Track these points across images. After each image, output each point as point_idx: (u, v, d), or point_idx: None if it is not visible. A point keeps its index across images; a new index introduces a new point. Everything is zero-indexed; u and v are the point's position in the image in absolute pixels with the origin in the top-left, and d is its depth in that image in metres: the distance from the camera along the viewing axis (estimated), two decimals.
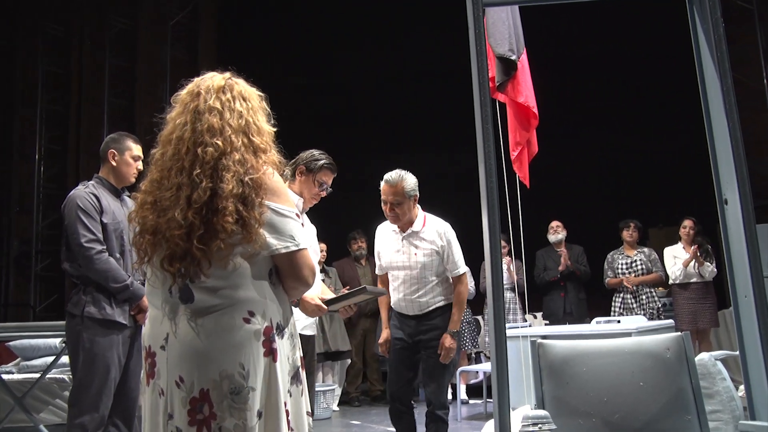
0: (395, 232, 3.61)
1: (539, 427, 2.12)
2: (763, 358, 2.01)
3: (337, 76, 10.08)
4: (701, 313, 6.08)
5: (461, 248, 3.61)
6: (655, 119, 9.42)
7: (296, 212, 1.81)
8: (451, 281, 3.60)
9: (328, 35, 9.74)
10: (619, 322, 5.00)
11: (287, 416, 1.73)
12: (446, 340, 3.46)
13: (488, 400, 6.07)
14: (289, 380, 1.77)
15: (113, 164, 3.21)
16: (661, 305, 6.24)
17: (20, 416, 4.39)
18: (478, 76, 2.20)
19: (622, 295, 6.25)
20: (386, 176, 3.51)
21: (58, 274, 8.89)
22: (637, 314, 5.92)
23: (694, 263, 6.12)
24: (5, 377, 4.61)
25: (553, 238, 6.69)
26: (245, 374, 1.66)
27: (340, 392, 6.64)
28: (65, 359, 4.08)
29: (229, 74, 1.87)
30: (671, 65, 7.08)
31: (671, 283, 6.34)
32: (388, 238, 3.65)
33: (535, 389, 2.50)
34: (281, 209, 1.76)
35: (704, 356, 2.98)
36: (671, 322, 5.34)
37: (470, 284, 6.04)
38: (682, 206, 7.30)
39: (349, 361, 6.66)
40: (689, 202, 7.39)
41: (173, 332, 1.69)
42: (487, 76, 2.28)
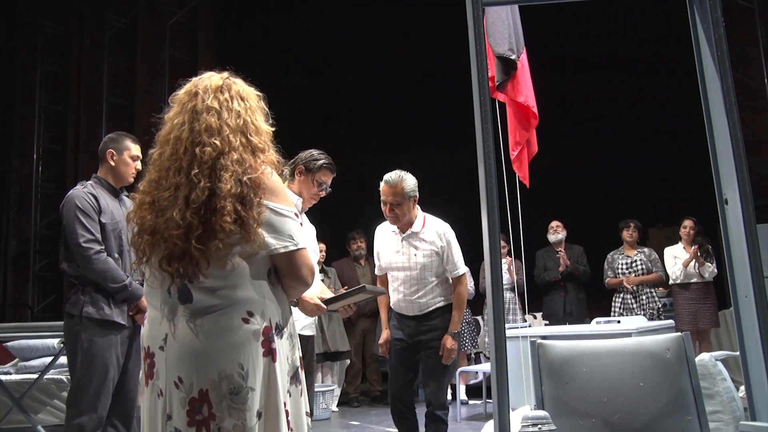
0: (395, 232, 3.60)
1: (539, 427, 2.12)
2: (763, 358, 2.01)
3: (336, 75, 10.06)
4: (702, 313, 6.07)
5: (461, 248, 3.60)
6: (655, 119, 9.41)
7: (295, 212, 1.80)
8: (450, 282, 3.60)
9: (327, 35, 9.73)
10: (619, 322, 5.00)
11: (287, 416, 1.72)
12: (447, 341, 3.46)
13: (488, 400, 6.07)
14: (288, 380, 1.77)
15: (112, 164, 3.21)
16: (661, 305, 6.22)
17: (18, 417, 4.39)
18: (477, 75, 2.20)
19: (622, 295, 6.24)
20: (386, 177, 3.50)
21: (56, 274, 8.86)
22: (637, 314, 5.91)
23: (694, 263, 6.11)
24: (3, 378, 4.60)
25: (553, 238, 6.68)
26: (244, 374, 1.65)
27: (339, 393, 6.63)
28: (63, 360, 4.07)
29: (227, 74, 1.87)
30: (671, 65, 7.07)
31: (671, 283, 6.33)
32: (387, 238, 3.65)
33: (534, 390, 2.50)
34: (280, 209, 1.75)
35: (704, 356, 2.97)
36: (671, 322, 5.33)
37: (470, 284, 6.03)
38: (682, 206, 7.28)
39: (348, 361, 6.65)
40: (689, 201, 7.37)
41: (172, 333, 1.69)
42: (486, 75, 2.27)
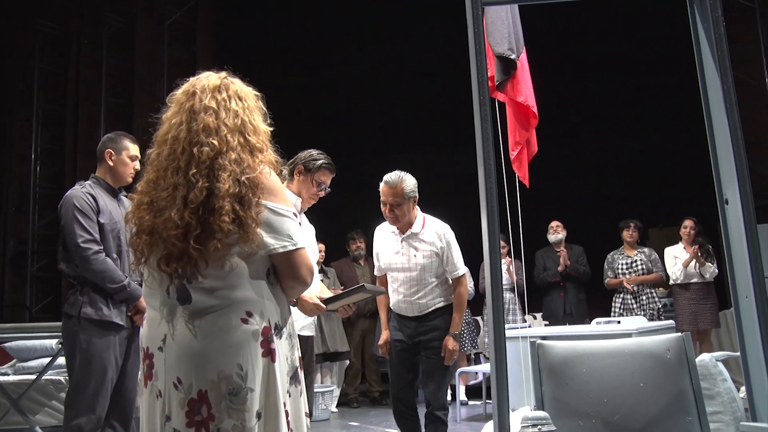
0: (394, 233, 3.60)
1: (539, 428, 2.12)
2: (764, 358, 2.01)
3: (336, 75, 10.05)
4: (702, 313, 6.06)
5: (461, 249, 3.59)
6: (655, 119, 9.40)
7: (294, 211, 1.80)
8: (450, 282, 3.59)
9: (327, 35, 9.72)
10: (619, 322, 4.99)
11: (287, 417, 1.72)
12: (449, 342, 3.46)
13: (488, 401, 6.06)
14: (288, 381, 1.76)
15: (110, 164, 3.20)
16: (661, 306, 6.21)
17: (16, 418, 4.36)
18: (477, 75, 2.20)
19: (622, 295, 6.22)
20: (386, 177, 3.50)
21: (54, 274, 8.84)
22: (637, 315, 5.90)
23: (694, 263, 6.10)
24: (1, 379, 4.58)
25: (552, 238, 6.66)
26: (243, 375, 1.65)
27: (338, 393, 6.62)
28: (61, 360, 4.06)
29: (224, 73, 1.87)
30: (671, 64, 7.06)
31: (672, 283, 6.32)
32: (387, 239, 3.64)
33: (534, 390, 2.49)
34: (278, 208, 1.75)
35: (705, 357, 2.97)
36: (672, 322, 5.32)
37: (470, 285, 6.02)
38: (682, 206, 7.27)
39: (347, 362, 6.63)
40: (690, 201, 7.36)
41: (171, 334, 1.69)
42: (486, 75, 2.27)
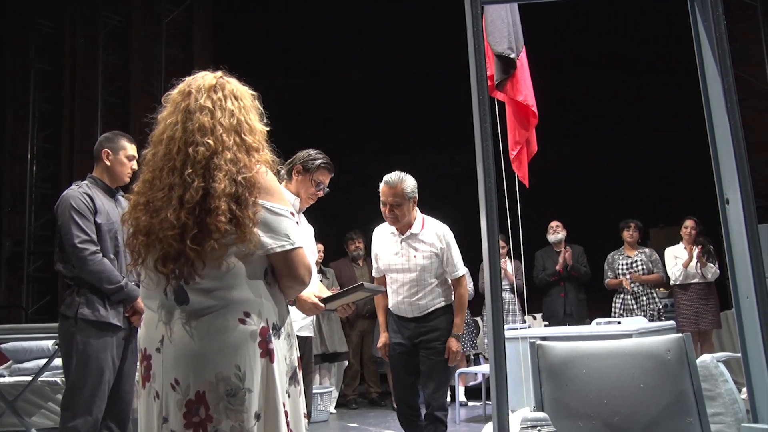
0: (393, 234, 3.58)
1: (538, 429, 2.11)
2: (765, 359, 2.00)
3: (334, 75, 10.05)
4: (703, 314, 6.04)
5: (461, 249, 3.59)
6: (655, 118, 9.39)
7: (291, 210, 1.80)
8: (449, 283, 3.58)
9: (327, 35, 9.71)
10: (619, 323, 4.97)
11: (286, 417, 1.71)
12: (452, 343, 3.47)
13: (487, 402, 6.05)
14: (287, 381, 1.76)
15: (107, 164, 3.18)
16: (662, 306, 6.19)
17: (12, 420, 4.34)
18: (476, 74, 2.19)
19: (622, 296, 6.21)
20: (386, 177, 3.49)
21: (50, 275, 8.82)
22: (637, 315, 5.89)
23: (695, 263, 6.08)
24: None
25: (552, 238, 6.65)
26: (241, 376, 1.65)
27: (337, 394, 6.60)
28: (58, 362, 4.04)
29: (220, 73, 1.86)
30: (672, 63, 7.06)
31: (672, 283, 6.30)
32: (386, 240, 3.63)
33: (534, 391, 2.48)
34: (275, 208, 1.74)
35: (706, 358, 2.95)
36: (672, 323, 5.31)
37: (469, 285, 6.01)
38: (683, 206, 7.25)
39: (346, 362, 6.62)
40: (690, 201, 7.34)
41: (168, 335, 1.68)
42: (485, 74, 2.26)
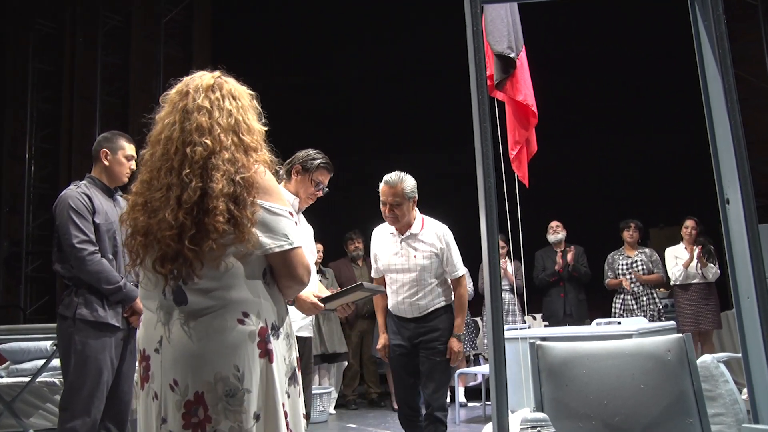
0: (393, 234, 3.57)
1: (538, 430, 2.11)
2: (766, 360, 1.99)
3: (334, 75, 10.04)
4: (704, 314, 6.03)
5: (461, 249, 3.58)
6: (655, 118, 9.39)
7: (290, 210, 1.79)
8: (449, 283, 3.57)
9: (325, 33, 9.70)
10: (619, 323, 4.97)
11: (286, 418, 1.71)
12: (454, 344, 3.48)
13: (487, 402, 6.04)
14: (286, 381, 1.76)
15: (106, 164, 3.18)
16: (662, 306, 6.18)
17: (10, 421, 4.34)
18: (475, 74, 2.18)
19: (622, 296, 6.20)
20: (385, 177, 3.48)
21: (49, 275, 8.83)
22: (637, 315, 5.88)
23: (695, 263, 6.07)
24: None
25: (552, 238, 6.64)
26: (240, 376, 1.64)
27: (336, 395, 6.59)
28: (56, 362, 4.03)
29: (218, 73, 1.86)
30: (672, 63, 7.05)
31: (672, 284, 6.29)
32: (385, 240, 3.62)
33: (534, 392, 2.48)
34: (274, 208, 1.74)
35: (707, 358, 2.95)
36: (673, 323, 5.30)
37: (469, 285, 6.00)
38: (683, 206, 7.24)
39: (345, 363, 6.61)
40: (691, 201, 7.33)
41: (167, 336, 1.68)
42: (485, 74, 2.25)
